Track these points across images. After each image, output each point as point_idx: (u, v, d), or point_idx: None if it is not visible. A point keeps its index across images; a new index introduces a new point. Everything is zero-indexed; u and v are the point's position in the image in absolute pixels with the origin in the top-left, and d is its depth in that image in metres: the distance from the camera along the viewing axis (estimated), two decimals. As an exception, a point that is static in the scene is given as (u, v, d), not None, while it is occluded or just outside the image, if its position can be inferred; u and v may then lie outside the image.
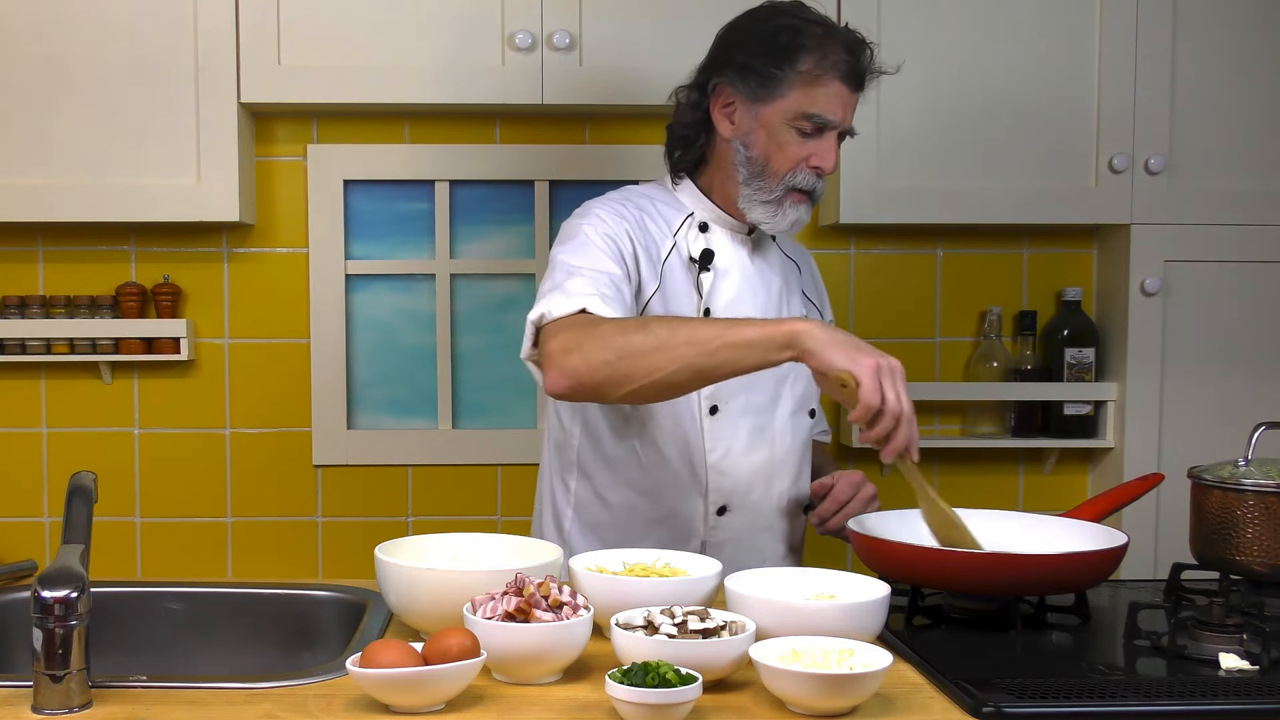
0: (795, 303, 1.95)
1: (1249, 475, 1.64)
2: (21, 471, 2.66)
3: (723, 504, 1.85)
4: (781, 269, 1.95)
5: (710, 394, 1.81)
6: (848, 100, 1.79)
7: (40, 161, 2.41)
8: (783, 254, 1.98)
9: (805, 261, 2.06)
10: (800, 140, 1.78)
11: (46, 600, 1.23)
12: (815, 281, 2.07)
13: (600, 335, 1.58)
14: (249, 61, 2.42)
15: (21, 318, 2.58)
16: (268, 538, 2.69)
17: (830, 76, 1.76)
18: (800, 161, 1.78)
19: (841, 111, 1.78)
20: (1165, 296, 2.56)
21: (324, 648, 1.68)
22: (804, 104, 1.77)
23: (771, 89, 1.77)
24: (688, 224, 1.88)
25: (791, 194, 1.80)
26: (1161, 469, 2.46)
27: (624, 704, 1.19)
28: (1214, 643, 1.44)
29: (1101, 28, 2.50)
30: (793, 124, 1.77)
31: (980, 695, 1.26)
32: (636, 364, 1.57)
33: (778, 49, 1.77)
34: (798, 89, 1.76)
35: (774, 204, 1.81)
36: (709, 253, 1.85)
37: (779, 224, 1.82)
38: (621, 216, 1.82)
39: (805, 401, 1.91)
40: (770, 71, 1.77)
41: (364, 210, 2.68)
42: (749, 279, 1.87)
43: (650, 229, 1.84)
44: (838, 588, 1.48)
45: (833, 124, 1.78)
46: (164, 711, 1.25)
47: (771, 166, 1.79)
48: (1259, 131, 2.55)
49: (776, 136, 1.79)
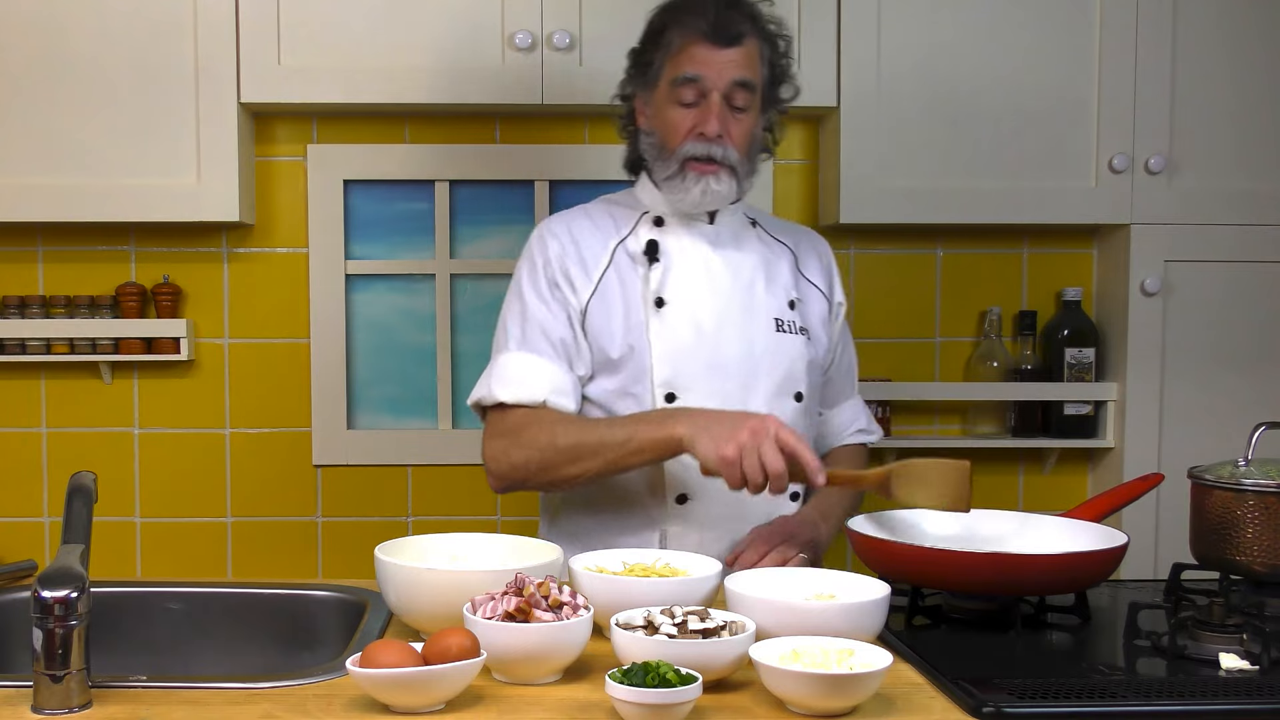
0: (778, 289, 1.93)
1: (1249, 475, 1.64)
2: (21, 471, 2.66)
3: (681, 492, 1.84)
4: (763, 255, 1.94)
5: (666, 381, 1.83)
6: (714, 58, 1.81)
7: (40, 161, 2.41)
8: (772, 238, 1.98)
9: (809, 245, 2.03)
10: (683, 111, 1.83)
11: (46, 600, 1.23)
12: (822, 265, 2.03)
13: (521, 446, 1.81)
14: (249, 61, 2.42)
15: (21, 318, 2.58)
16: (268, 538, 2.69)
17: (690, 39, 1.82)
18: (686, 132, 1.83)
19: (709, 69, 1.81)
20: (1165, 296, 2.56)
21: (324, 648, 1.68)
22: (672, 74, 1.83)
23: (652, 73, 1.87)
24: (643, 220, 1.92)
25: (690, 165, 1.83)
26: (1161, 469, 2.46)
27: (624, 704, 1.19)
28: (1214, 643, 1.43)
29: (1101, 28, 2.51)
30: (671, 97, 1.84)
31: (980, 695, 1.26)
32: (552, 475, 1.80)
33: (651, 36, 1.89)
34: (667, 64, 1.85)
35: (676, 179, 1.85)
36: (652, 244, 1.88)
37: (687, 198, 1.85)
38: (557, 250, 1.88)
39: (787, 385, 1.89)
40: (648, 58, 1.88)
41: (364, 210, 2.68)
42: (710, 270, 1.88)
43: (591, 238, 1.90)
44: (838, 588, 1.48)
45: (703, 82, 1.81)
46: (164, 711, 1.25)
47: (667, 144, 1.85)
48: (1259, 131, 2.55)
49: (663, 114, 1.86)
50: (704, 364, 1.84)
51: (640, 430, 1.74)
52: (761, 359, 1.86)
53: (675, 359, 1.84)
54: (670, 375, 1.83)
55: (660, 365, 1.84)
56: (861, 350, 2.73)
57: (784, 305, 1.92)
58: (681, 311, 1.86)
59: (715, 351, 1.85)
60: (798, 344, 1.90)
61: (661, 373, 1.84)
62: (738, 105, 1.83)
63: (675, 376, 1.83)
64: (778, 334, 1.89)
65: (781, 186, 2.71)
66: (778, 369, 1.88)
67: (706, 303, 1.86)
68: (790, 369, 1.89)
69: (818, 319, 1.98)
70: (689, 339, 1.85)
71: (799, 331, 1.91)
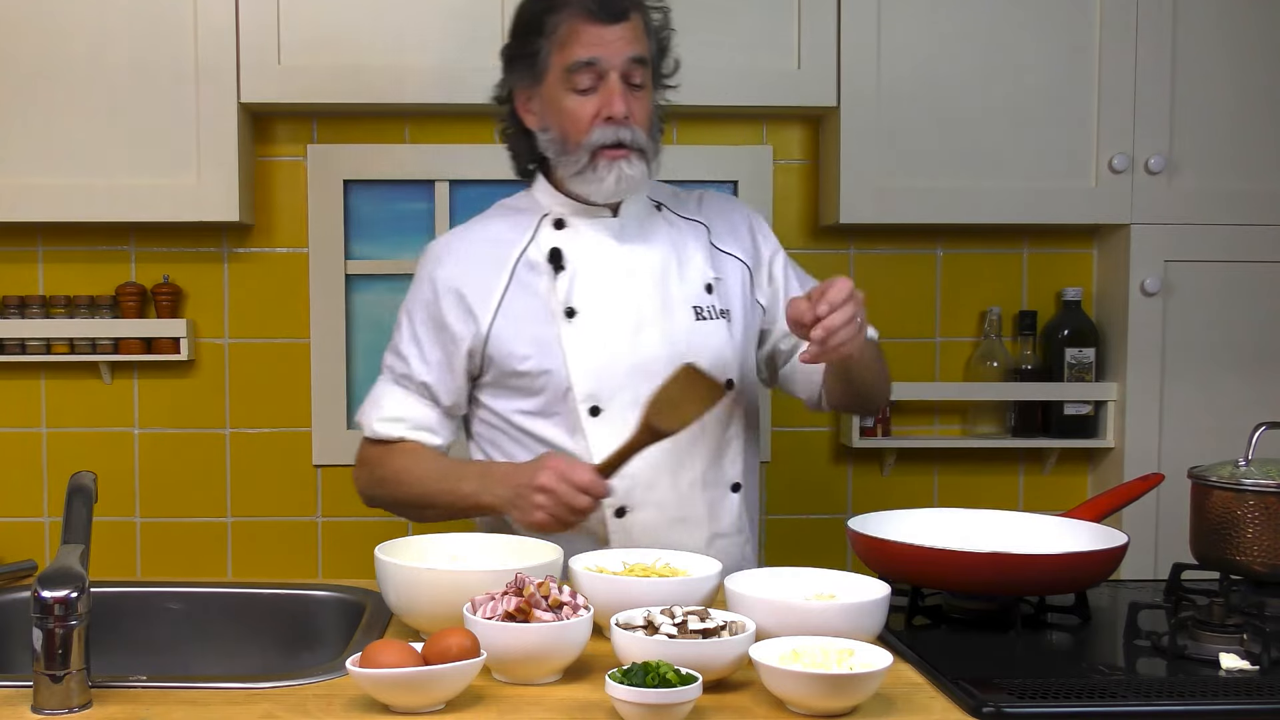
0: (694, 274, 1.84)
1: (1249, 475, 1.64)
2: (21, 471, 2.66)
3: (620, 505, 1.78)
4: (673, 240, 1.86)
5: (589, 395, 1.77)
6: (605, 36, 1.73)
7: (40, 161, 2.41)
8: (681, 218, 1.90)
9: (722, 212, 1.94)
10: (582, 99, 1.75)
11: (46, 600, 1.23)
12: (739, 229, 1.93)
13: (378, 481, 1.87)
14: (249, 61, 2.42)
15: (21, 318, 2.58)
16: (268, 538, 2.69)
17: (574, 22, 1.74)
18: (591, 119, 1.74)
19: (603, 49, 1.73)
20: (1165, 296, 2.56)
21: (324, 648, 1.68)
22: (564, 61, 1.75)
23: (539, 65, 1.78)
24: (542, 224, 1.84)
25: (600, 154, 1.75)
26: (1161, 469, 2.46)
27: (624, 704, 1.19)
28: (1214, 643, 1.43)
29: (1101, 28, 2.51)
30: (566, 87, 1.75)
31: (980, 695, 1.26)
32: (406, 513, 1.91)
33: (529, 27, 1.79)
34: (555, 52, 1.76)
35: (587, 171, 1.76)
36: (556, 251, 1.81)
37: (602, 189, 1.77)
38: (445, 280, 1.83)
39: (716, 373, 1.78)
40: (530, 50, 1.78)
41: (364, 210, 2.68)
42: (620, 267, 1.81)
43: (485, 258, 1.83)
44: (838, 588, 1.48)
45: (598, 64, 1.74)
46: (164, 711, 1.25)
47: (570, 138, 1.76)
48: (1259, 131, 2.55)
49: (560, 106, 1.77)
50: (625, 371, 1.76)
51: (462, 494, 1.77)
52: (685, 355, 1.77)
53: (594, 371, 1.77)
54: (592, 388, 1.77)
55: (580, 380, 1.77)
56: (861, 350, 2.74)
57: (701, 291, 1.84)
58: (595, 319, 1.78)
59: (636, 355, 1.78)
60: (721, 329, 1.84)
61: (582, 387, 1.77)
62: (635, 83, 1.76)
63: (597, 389, 1.77)
64: (698, 323, 1.82)
65: (781, 186, 2.71)
66: (703, 361, 1.78)
67: (620, 305, 1.79)
68: (717, 357, 1.81)
69: (739, 292, 1.89)
70: (606, 347, 1.77)
71: (720, 315, 1.84)
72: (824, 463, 2.76)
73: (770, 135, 2.71)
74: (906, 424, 2.75)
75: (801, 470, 2.74)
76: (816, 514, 2.72)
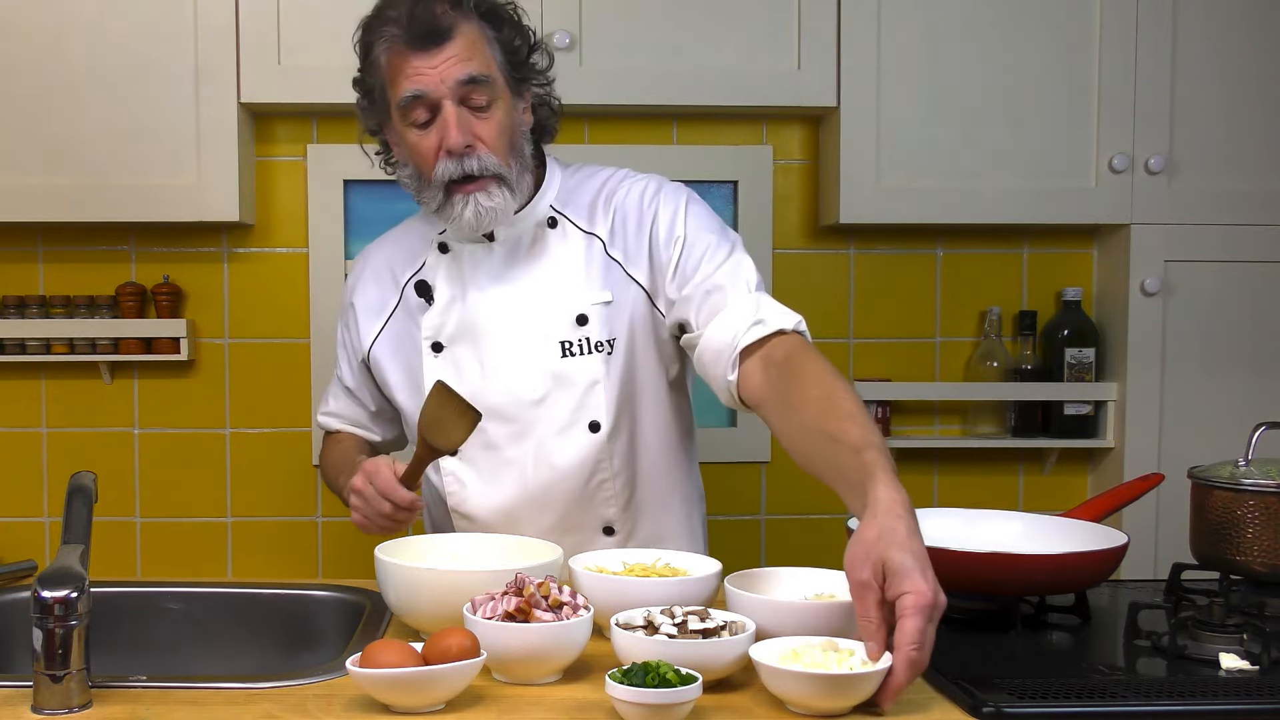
0: (567, 305, 1.72)
1: (1249, 475, 1.64)
2: (21, 471, 2.66)
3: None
4: (557, 263, 1.73)
5: None
6: (427, 64, 1.60)
7: (40, 161, 2.41)
8: (578, 230, 1.75)
9: (625, 213, 1.76)
10: (422, 133, 1.64)
11: (46, 600, 1.23)
12: (641, 228, 1.74)
13: (323, 465, 1.95)
14: (249, 61, 2.42)
15: (21, 318, 2.58)
16: (268, 538, 2.69)
17: (395, 53, 1.62)
18: (435, 154, 1.64)
19: (426, 79, 1.61)
20: (1165, 296, 2.56)
21: (324, 648, 1.68)
22: (395, 96, 1.64)
23: (377, 104, 1.69)
24: (431, 250, 1.78)
25: (453, 189, 1.65)
26: (1161, 469, 2.46)
27: (624, 704, 1.19)
28: (1214, 643, 1.43)
29: (1101, 28, 2.51)
30: (405, 123, 1.65)
31: (980, 695, 1.26)
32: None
33: (364, 60, 1.69)
34: (388, 86, 1.65)
35: (445, 208, 1.67)
36: (423, 284, 1.77)
37: (461, 224, 1.66)
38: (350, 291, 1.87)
39: (578, 416, 1.71)
40: (369, 84, 1.70)
41: (364, 210, 2.68)
42: (488, 298, 1.73)
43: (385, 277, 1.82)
44: (838, 588, 1.48)
45: (427, 96, 1.61)
46: (164, 711, 1.25)
47: (422, 174, 1.67)
48: (1259, 131, 2.55)
49: (407, 143, 1.67)
50: (484, 412, 1.63)
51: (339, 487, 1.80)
52: (544, 398, 1.71)
53: None
54: None
55: None
56: (861, 350, 2.74)
57: (570, 324, 1.71)
58: (456, 356, 1.74)
59: (490, 398, 1.70)
60: (593, 364, 1.71)
61: None
62: (477, 105, 1.63)
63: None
64: (564, 360, 1.71)
65: (781, 186, 2.71)
66: (562, 405, 1.71)
67: (481, 342, 1.73)
68: (582, 399, 1.71)
69: (628, 314, 1.73)
70: (462, 385, 1.67)
71: (594, 349, 1.72)
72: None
73: (770, 135, 2.71)
74: (906, 424, 2.75)
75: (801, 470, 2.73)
76: (816, 514, 2.72)
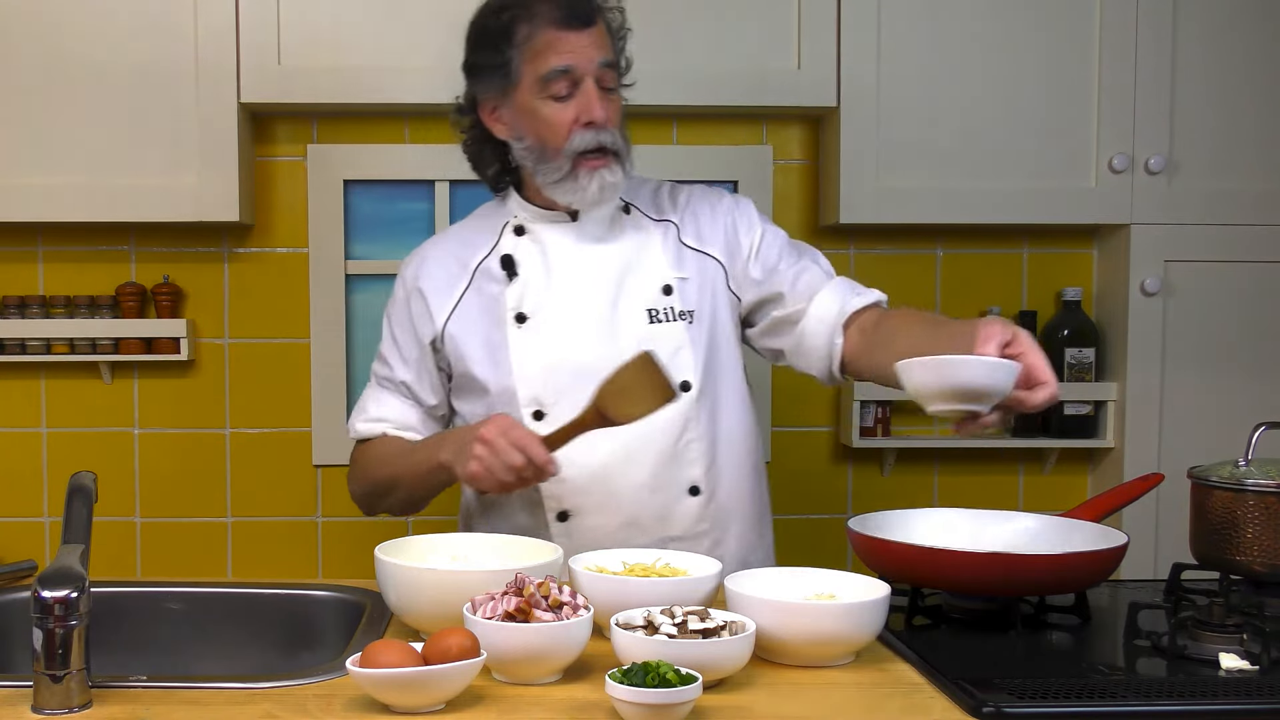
0: (651, 277, 1.83)
1: (1249, 475, 1.64)
2: (21, 471, 2.66)
3: (561, 510, 1.79)
4: (635, 242, 1.85)
5: (533, 399, 1.79)
6: (577, 42, 1.73)
7: (40, 161, 2.41)
8: (650, 219, 1.88)
9: (699, 208, 1.91)
10: (559, 106, 1.75)
11: (46, 600, 1.23)
12: (718, 221, 1.89)
13: (356, 479, 1.94)
14: (249, 62, 2.42)
15: (21, 318, 2.58)
16: (268, 538, 2.69)
17: (545, 31, 1.74)
18: (570, 126, 1.74)
19: (576, 56, 1.73)
20: (1165, 296, 2.56)
21: (324, 648, 1.68)
22: (538, 70, 1.74)
23: (508, 75, 1.77)
24: (504, 231, 1.86)
25: (582, 161, 1.75)
26: (1161, 469, 2.45)
27: (624, 704, 1.19)
28: (1214, 643, 1.43)
29: (1101, 28, 2.51)
30: (542, 95, 1.75)
31: (980, 695, 1.26)
32: (380, 503, 1.92)
33: (495, 36, 1.78)
34: (527, 61, 1.75)
35: (568, 179, 1.76)
36: (507, 259, 1.84)
37: (584, 196, 1.77)
38: (408, 283, 1.89)
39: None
40: (499, 61, 1.77)
41: (364, 210, 2.68)
42: (573, 271, 1.82)
43: (448, 264, 1.86)
44: (838, 588, 1.48)
45: (573, 71, 1.73)
46: (164, 711, 1.25)
47: (548, 145, 1.76)
48: (1259, 131, 2.55)
49: (536, 114, 1.76)
50: (570, 375, 1.76)
51: (420, 459, 1.78)
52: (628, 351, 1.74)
53: (539, 375, 1.79)
54: (536, 392, 1.78)
55: (523, 383, 1.79)
56: (861, 350, 2.73)
57: (657, 293, 1.82)
58: (543, 325, 1.80)
59: (581, 360, 1.77)
60: (676, 331, 1.81)
61: (526, 391, 1.79)
62: (607, 86, 1.77)
63: (541, 393, 1.78)
64: (651, 326, 1.81)
65: (781, 186, 2.71)
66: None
67: (569, 311, 1.80)
68: (671, 360, 1.77)
69: (709, 291, 1.86)
70: (552, 352, 1.79)
71: (678, 317, 1.82)
72: (824, 463, 2.76)
73: (770, 135, 2.71)
74: (906, 424, 2.75)
75: (801, 470, 2.74)
76: (816, 514, 2.72)
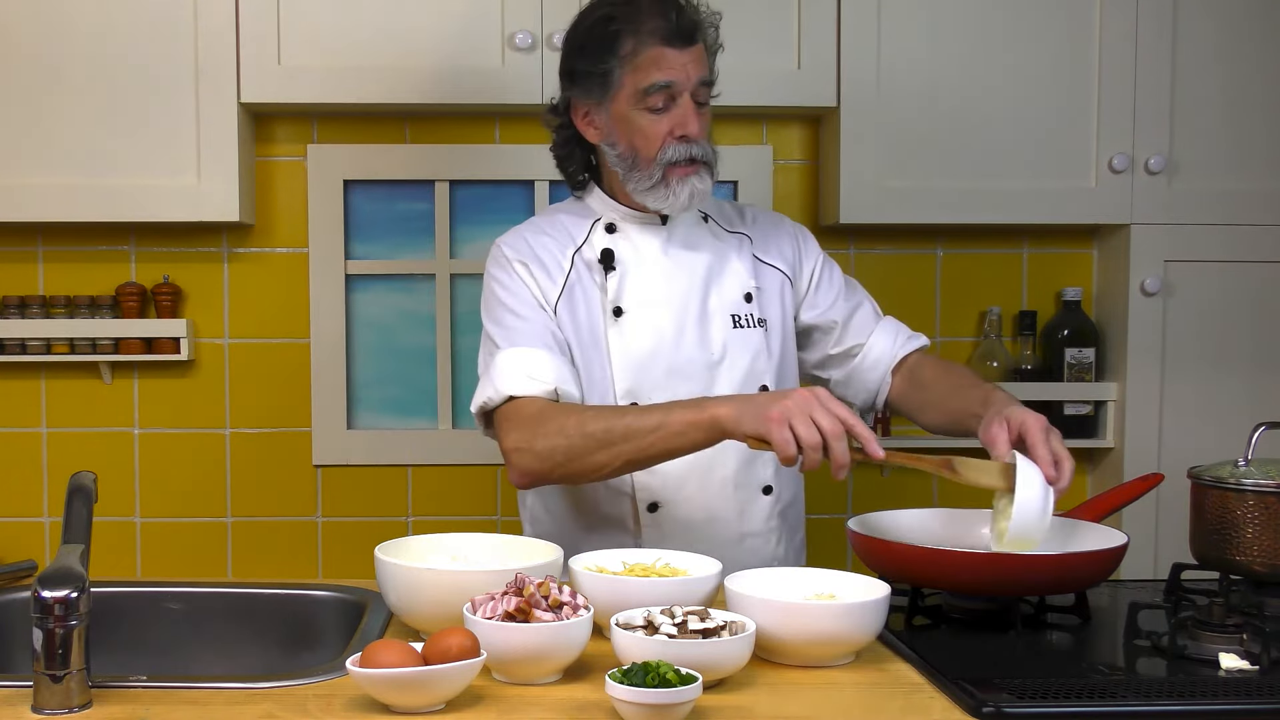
0: (734, 284, 1.90)
1: (1249, 475, 1.64)
2: (21, 471, 2.66)
3: (653, 501, 1.83)
4: (716, 250, 1.91)
5: (628, 391, 1.82)
6: (679, 60, 1.79)
7: (40, 161, 2.41)
8: (725, 231, 1.95)
9: (768, 228, 2.00)
10: (655, 118, 1.80)
11: (46, 600, 1.23)
12: (784, 243, 1.99)
13: (546, 434, 1.71)
14: (249, 61, 2.42)
15: (21, 318, 2.58)
16: (268, 538, 2.69)
17: (650, 46, 1.78)
18: (664, 138, 1.80)
19: (678, 73, 1.79)
20: (1165, 296, 2.56)
21: (324, 648, 1.68)
22: (639, 83, 1.79)
23: (608, 84, 1.81)
24: (595, 227, 1.90)
25: (673, 170, 1.81)
26: (1161, 469, 2.46)
27: (624, 704, 1.19)
28: (1214, 643, 1.43)
29: (1101, 28, 2.51)
30: (639, 106, 1.80)
31: (980, 695, 1.26)
32: (582, 463, 1.70)
33: (598, 45, 1.82)
34: (628, 73, 1.80)
35: (659, 187, 1.82)
36: (608, 252, 1.87)
37: (674, 204, 1.83)
38: (518, 254, 1.87)
39: (749, 380, 1.87)
40: (600, 69, 1.81)
41: (364, 210, 2.68)
42: (665, 271, 1.87)
43: (550, 247, 1.88)
44: (838, 588, 1.48)
45: (674, 87, 1.79)
46: (164, 711, 1.25)
47: (641, 154, 1.82)
48: (1259, 131, 2.55)
49: (632, 124, 1.81)
50: (664, 370, 1.83)
51: (675, 414, 1.65)
52: (722, 359, 1.86)
53: (635, 368, 1.83)
54: (631, 384, 1.83)
55: (620, 375, 1.83)
56: (861, 350, 2.73)
57: (740, 299, 1.90)
58: (639, 320, 1.84)
59: (675, 357, 1.84)
60: (756, 336, 1.89)
61: (622, 382, 1.83)
62: (701, 101, 1.83)
63: (636, 385, 1.83)
64: (735, 330, 1.88)
65: (781, 186, 2.71)
66: (738, 367, 1.87)
67: (663, 308, 1.85)
68: (752, 364, 1.87)
69: (778, 303, 1.95)
70: (648, 347, 1.84)
71: (757, 324, 1.90)
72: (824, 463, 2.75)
73: (770, 135, 2.71)
74: (907, 424, 2.74)
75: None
76: (816, 514, 2.71)
